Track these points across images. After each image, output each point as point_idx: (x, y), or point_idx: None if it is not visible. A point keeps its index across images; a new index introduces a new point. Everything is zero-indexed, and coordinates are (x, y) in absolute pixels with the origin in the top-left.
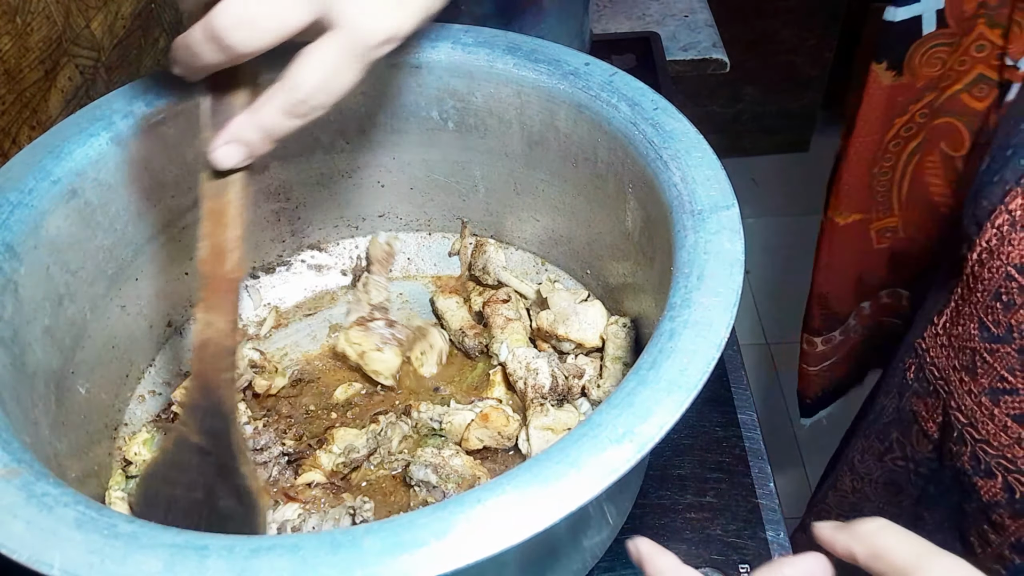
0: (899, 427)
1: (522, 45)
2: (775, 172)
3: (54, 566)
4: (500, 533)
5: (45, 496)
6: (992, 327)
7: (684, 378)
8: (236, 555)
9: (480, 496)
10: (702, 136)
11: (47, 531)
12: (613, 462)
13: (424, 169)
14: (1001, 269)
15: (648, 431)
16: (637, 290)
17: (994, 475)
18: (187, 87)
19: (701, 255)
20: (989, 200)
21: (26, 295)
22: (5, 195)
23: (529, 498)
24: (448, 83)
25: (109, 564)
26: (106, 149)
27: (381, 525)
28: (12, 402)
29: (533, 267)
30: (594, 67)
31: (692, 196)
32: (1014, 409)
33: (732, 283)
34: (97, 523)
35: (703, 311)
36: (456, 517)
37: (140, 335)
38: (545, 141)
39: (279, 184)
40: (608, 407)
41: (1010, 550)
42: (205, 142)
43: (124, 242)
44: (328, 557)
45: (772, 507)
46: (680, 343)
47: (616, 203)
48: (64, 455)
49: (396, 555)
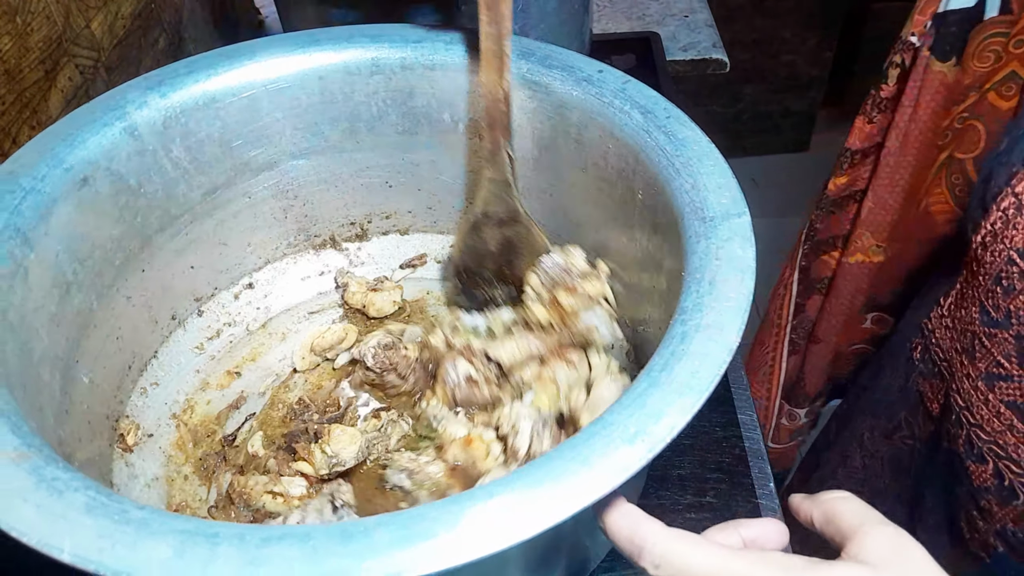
0: (906, 406)
1: (536, 50)
2: (775, 172)
3: (64, 550)
4: (510, 528)
5: (55, 481)
6: (992, 311)
7: (695, 380)
8: (247, 543)
9: (492, 491)
10: (714, 145)
11: (57, 515)
12: (624, 461)
13: (433, 171)
14: (1003, 253)
15: (659, 431)
16: (644, 295)
17: (986, 460)
18: (202, 80)
19: (713, 261)
20: (996, 183)
21: (35, 282)
22: (18, 181)
23: (540, 495)
24: (460, 86)
25: (119, 549)
26: (119, 139)
27: (392, 517)
28: (20, 388)
29: None
30: (607, 74)
31: (704, 203)
32: (1008, 395)
33: (743, 288)
34: (108, 508)
35: (715, 315)
36: (467, 511)
37: (144, 327)
38: (555, 146)
39: (287, 182)
40: (620, 407)
41: (995, 537)
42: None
43: (132, 233)
44: (338, 547)
45: (772, 507)
46: (692, 346)
47: (625, 209)
48: (68, 443)
49: (406, 547)
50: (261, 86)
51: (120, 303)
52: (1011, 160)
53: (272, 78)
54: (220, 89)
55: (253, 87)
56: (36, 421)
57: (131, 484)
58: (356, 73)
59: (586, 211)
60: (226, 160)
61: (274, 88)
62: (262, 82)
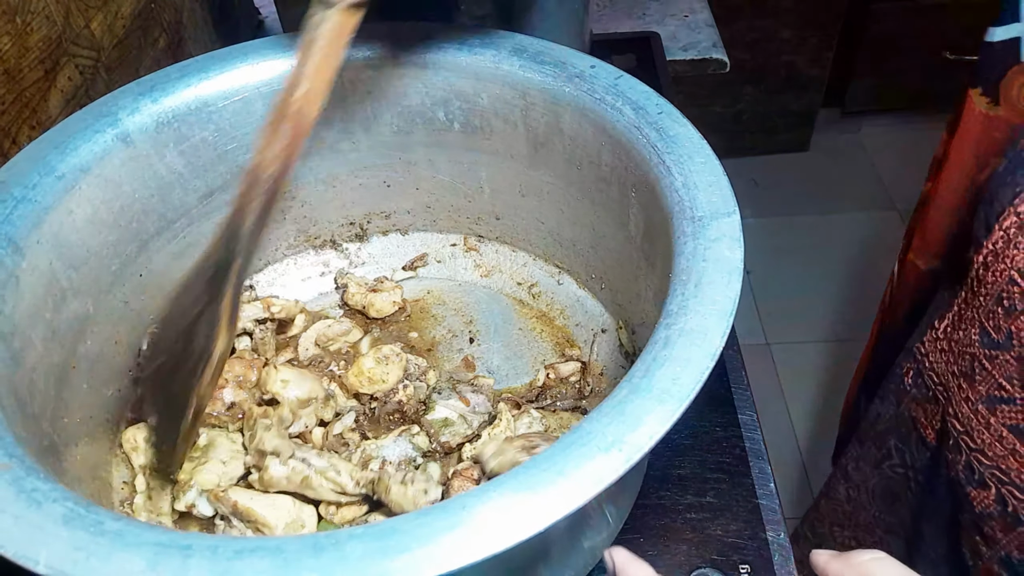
0: (897, 434)
1: (528, 47)
2: (775, 172)
3: (39, 562)
4: (484, 541)
5: (35, 492)
6: (992, 332)
7: (676, 387)
8: (219, 556)
9: (465, 503)
10: (705, 141)
11: (35, 527)
12: (601, 471)
13: (430, 170)
14: (1005, 273)
15: (637, 440)
16: (640, 295)
17: (988, 486)
18: (194, 84)
19: (700, 262)
20: (999, 202)
21: (27, 290)
22: (9, 190)
23: (514, 506)
24: (454, 84)
25: (93, 561)
26: (111, 146)
27: (365, 530)
28: (8, 396)
29: (539, 270)
30: (600, 70)
31: (693, 202)
32: (1010, 419)
33: (730, 291)
34: (84, 520)
35: (699, 319)
36: (441, 523)
37: (143, 331)
38: (550, 143)
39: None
40: (599, 415)
41: (999, 564)
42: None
43: (129, 238)
44: (310, 560)
45: (772, 507)
46: (674, 351)
47: (620, 207)
48: (63, 449)
49: (378, 560)
50: (254, 88)
51: (118, 308)
52: (1015, 179)
53: (265, 80)
54: (212, 93)
55: (246, 90)
56: (27, 429)
57: (130, 486)
58: (348, 73)
59: (582, 209)
60: (221, 163)
61: (267, 90)
62: (255, 84)
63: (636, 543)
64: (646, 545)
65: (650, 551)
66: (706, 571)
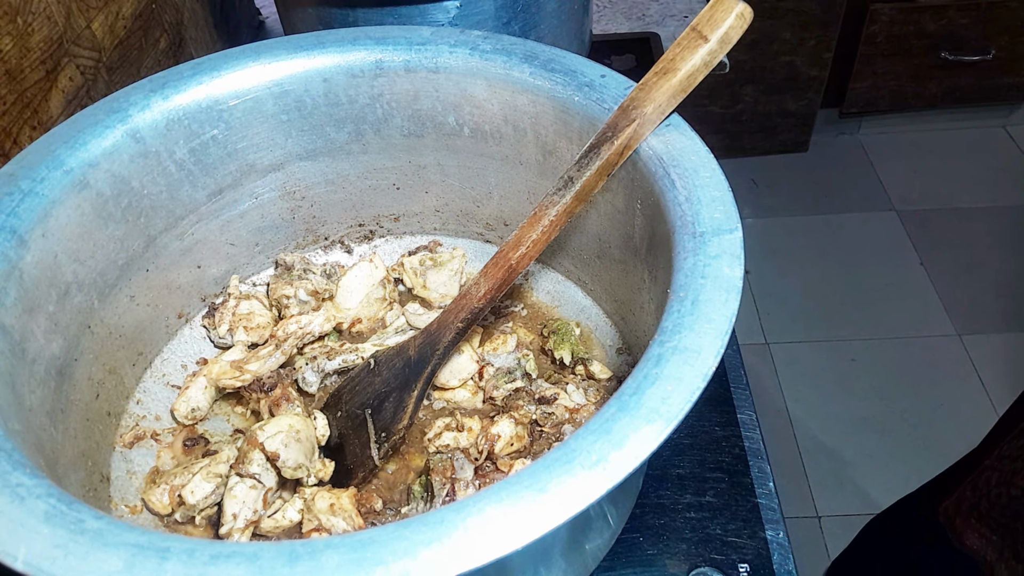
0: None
1: (539, 54)
2: (775, 172)
3: (18, 559)
4: (461, 556)
5: (19, 487)
6: None
7: (665, 407)
8: (195, 559)
9: (443, 517)
10: (712, 155)
11: (16, 523)
12: (583, 489)
13: (439, 174)
14: None
15: (622, 459)
16: (643, 307)
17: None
18: (205, 82)
19: (698, 279)
20: None
21: (31, 282)
22: (17, 183)
23: (494, 522)
24: (465, 89)
25: (72, 560)
26: (121, 141)
27: (342, 540)
28: (5, 388)
29: (544, 276)
30: (610, 79)
31: (696, 217)
32: None
33: (726, 310)
34: (65, 517)
35: (694, 337)
36: (418, 537)
37: (149, 325)
38: (558, 151)
39: (294, 183)
40: (585, 432)
41: None
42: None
43: (136, 233)
44: (285, 568)
45: (772, 507)
46: (666, 370)
47: (625, 218)
48: (59, 441)
49: (353, 571)
50: (265, 88)
51: (123, 302)
52: None
53: (275, 80)
54: (223, 92)
55: (257, 89)
56: (21, 422)
57: (127, 479)
58: (360, 76)
59: (590, 219)
60: (231, 161)
61: (278, 90)
62: (266, 84)
63: (636, 543)
64: (646, 544)
65: (650, 550)
66: (705, 570)
